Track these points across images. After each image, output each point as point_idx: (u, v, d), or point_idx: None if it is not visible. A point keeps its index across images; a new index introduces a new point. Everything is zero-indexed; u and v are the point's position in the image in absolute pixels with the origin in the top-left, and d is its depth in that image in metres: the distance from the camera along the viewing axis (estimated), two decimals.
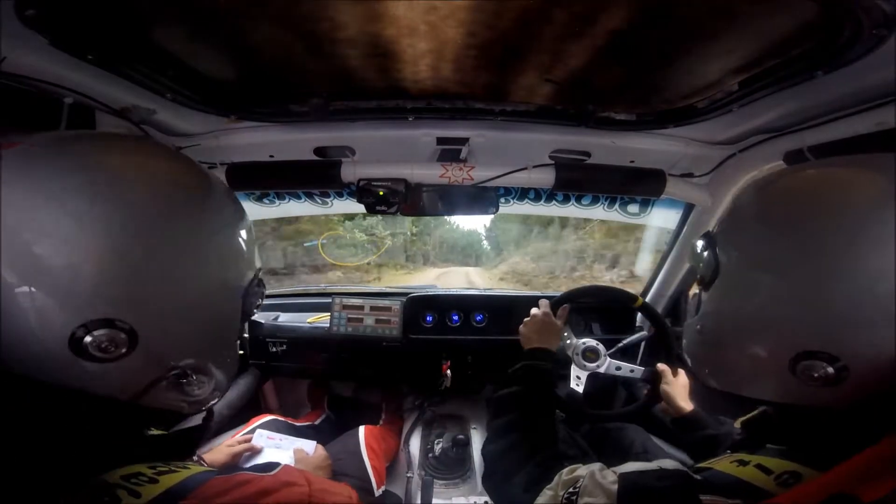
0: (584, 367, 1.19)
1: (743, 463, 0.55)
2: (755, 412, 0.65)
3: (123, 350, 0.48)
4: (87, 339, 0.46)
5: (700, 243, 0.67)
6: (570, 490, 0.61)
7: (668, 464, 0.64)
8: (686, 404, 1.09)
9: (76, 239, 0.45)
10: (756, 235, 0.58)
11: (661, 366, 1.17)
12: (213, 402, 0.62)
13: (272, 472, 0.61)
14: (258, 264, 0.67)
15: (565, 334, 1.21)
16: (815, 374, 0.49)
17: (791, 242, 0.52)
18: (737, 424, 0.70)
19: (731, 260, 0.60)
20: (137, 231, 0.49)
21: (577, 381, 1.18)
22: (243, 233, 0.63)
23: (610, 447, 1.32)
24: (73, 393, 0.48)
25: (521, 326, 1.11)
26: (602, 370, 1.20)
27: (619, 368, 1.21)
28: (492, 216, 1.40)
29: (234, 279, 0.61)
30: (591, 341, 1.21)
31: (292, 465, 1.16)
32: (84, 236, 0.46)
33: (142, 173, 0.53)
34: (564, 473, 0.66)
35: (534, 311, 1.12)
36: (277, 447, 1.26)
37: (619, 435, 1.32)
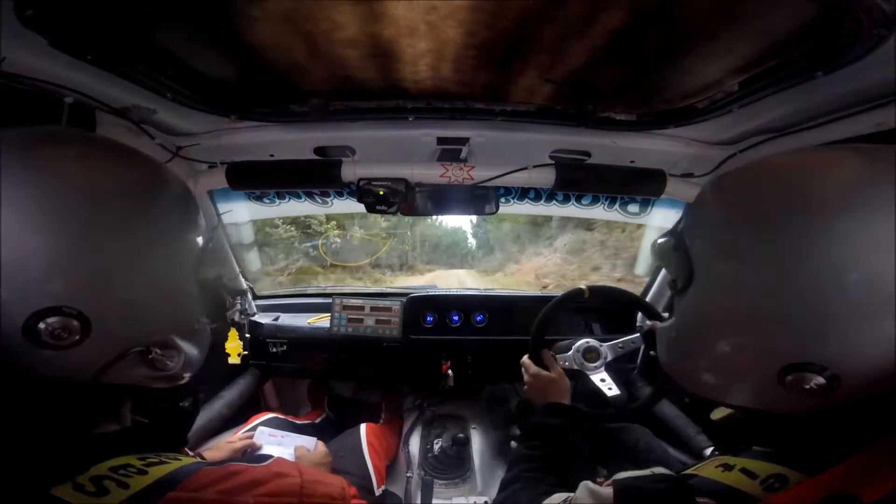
0: (596, 370, 1.17)
1: (728, 467, 0.55)
2: (730, 411, 0.63)
3: (78, 336, 0.50)
4: (41, 326, 0.48)
5: (667, 241, 0.62)
6: None
7: (660, 471, 0.64)
8: None
9: (19, 235, 0.48)
10: (728, 236, 0.53)
11: (650, 323, 1.17)
12: (187, 375, 0.64)
13: (264, 464, 0.61)
14: (209, 235, 0.70)
15: (560, 363, 1.16)
16: (806, 387, 0.47)
17: (765, 245, 0.49)
18: (714, 417, 0.67)
19: (705, 265, 0.56)
20: (75, 221, 0.51)
21: (603, 383, 1.15)
22: (192, 214, 0.65)
23: (611, 447, 1.32)
24: (43, 382, 0.50)
25: (525, 388, 1.10)
26: (610, 359, 1.19)
27: (621, 347, 1.20)
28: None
29: (183, 254, 0.63)
30: (581, 344, 1.19)
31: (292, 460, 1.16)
32: (26, 232, 0.48)
33: (79, 168, 0.54)
34: (553, 498, 0.65)
35: (524, 376, 1.11)
36: (279, 444, 1.26)
37: (623, 435, 1.32)
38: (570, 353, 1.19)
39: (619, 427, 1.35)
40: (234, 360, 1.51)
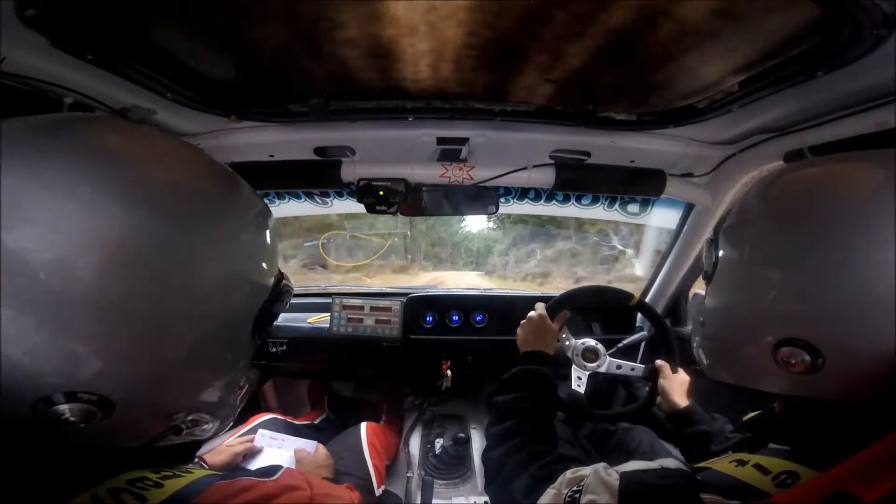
0: (584, 368, 1.19)
1: (741, 463, 0.55)
2: (758, 412, 0.65)
3: (98, 417, 0.41)
4: (52, 410, 0.38)
5: (707, 238, 0.70)
6: (574, 489, 0.61)
7: (670, 463, 0.64)
8: (681, 400, 1.08)
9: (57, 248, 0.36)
10: (740, 228, 0.62)
11: (659, 362, 1.17)
12: (217, 434, 0.58)
13: (274, 477, 0.61)
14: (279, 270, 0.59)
15: (563, 336, 1.21)
16: (793, 362, 0.51)
17: (767, 234, 0.56)
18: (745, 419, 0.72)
19: (725, 254, 0.63)
20: (138, 243, 0.39)
21: (579, 381, 1.17)
22: (268, 233, 0.57)
23: (614, 447, 1.32)
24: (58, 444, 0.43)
25: (518, 328, 1.11)
26: (602, 369, 1.20)
27: (619, 367, 1.21)
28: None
29: (252, 295, 0.53)
30: (590, 341, 1.21)
31: (293, 464, 1.16)
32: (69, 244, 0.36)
33: (153, 161, 0.45)
34: (569, 473, 0.65)
35: (531, 313, 1.12)
36: (279, 447, 1.26)
37: (627, 436, 1.32)
38: (574, 342, 1.21)
39: (622, 428, 1.35)
40: None
